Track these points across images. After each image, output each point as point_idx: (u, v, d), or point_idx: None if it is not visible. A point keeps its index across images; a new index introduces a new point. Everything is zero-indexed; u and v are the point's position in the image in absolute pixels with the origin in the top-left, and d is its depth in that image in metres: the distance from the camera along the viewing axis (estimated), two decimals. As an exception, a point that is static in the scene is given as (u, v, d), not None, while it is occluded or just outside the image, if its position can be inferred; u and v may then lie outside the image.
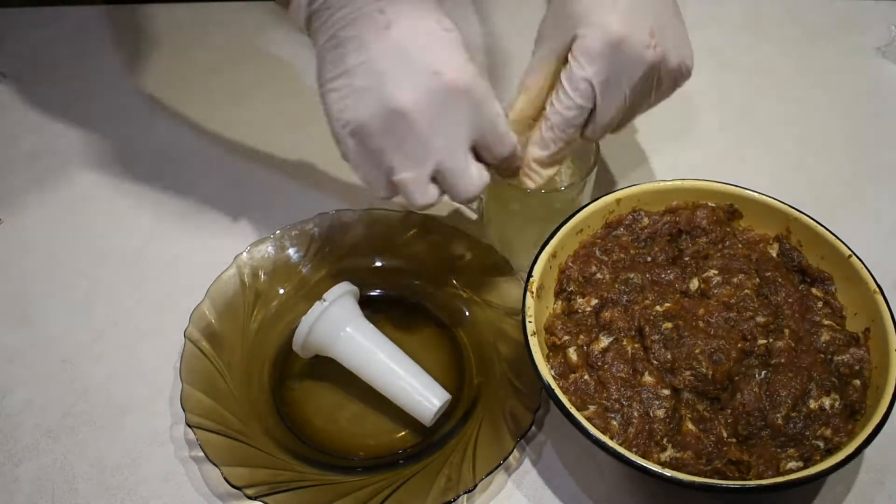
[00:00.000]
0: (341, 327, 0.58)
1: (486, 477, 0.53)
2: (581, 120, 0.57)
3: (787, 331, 0.56)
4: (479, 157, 0.55)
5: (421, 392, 0.57)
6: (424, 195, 0.53)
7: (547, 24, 0.59)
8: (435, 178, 0.53)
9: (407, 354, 0.59)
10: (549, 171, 0.60)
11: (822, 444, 0.51)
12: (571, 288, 0.60)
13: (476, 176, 0.54)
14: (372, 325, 0.60)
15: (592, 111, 0.57)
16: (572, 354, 0.56)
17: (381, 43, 0.50)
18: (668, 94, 0.61)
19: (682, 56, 0.59)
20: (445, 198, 0.69)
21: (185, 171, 0.76)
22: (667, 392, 0.54)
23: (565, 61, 0.57)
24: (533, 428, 0.58)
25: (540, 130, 0.58)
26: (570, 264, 0.61)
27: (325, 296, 0.59)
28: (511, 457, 0.55)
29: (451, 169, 0.53)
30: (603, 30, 0.54)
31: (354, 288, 0.61)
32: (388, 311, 0.65)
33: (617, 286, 0.59)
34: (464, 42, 0.53)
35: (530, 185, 0.60)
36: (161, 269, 0.69)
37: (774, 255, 0.61)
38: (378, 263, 0.67)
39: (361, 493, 0.53)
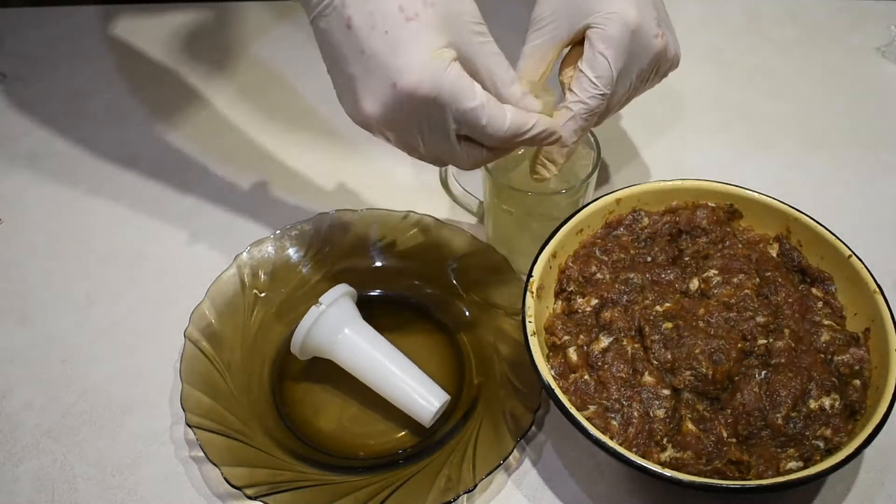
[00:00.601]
0: (339, 330, 0.58)
1: (486, 477, 0.53)
2: (602, 108, 0.57)
3: (787, 331, 0.56)
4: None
5: (420, 393, 0.57)
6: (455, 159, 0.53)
7: (544, 11, 0.58)
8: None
9: (406, 355, 0.59)
10: (563, 161, 0.60)
11: (822, 444, 0.51)
12: (571, 288, 0.60)
13: (464, 156, 0.52)
14: (370, 327, 0.60)
15: None
16: (572, 354, 0.56)
17: (345, 45, 0.49)
18: (658, 81, 0.62)
19: (676, 46, 0.60)
20: (446, 198, 0.70)
21: (184, 171, 0.76)
22: (667, 392, 0.54)
23: (569, 49, 0.57)
24: (533, 428, 0.58)
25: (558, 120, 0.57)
26: (570, 264, 0.61)
27: (321, 299, 0.59)
28: (511, 457, 0.55)
29: (440, 159, 0.53)
30: (623, 18, 0.55)
31: (351, 289, 0.61)
32: (387, 311, 0.65)
33: (617, 286, 0.59)
34: (440, 14, 0.49)
35: (545, 175, 0.60)
36: (161, 269, 0.69)
37: (774, 255, 0.61)
38: (378, 263, 0.67)
39: (361, 493, 0.53)
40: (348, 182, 0.75)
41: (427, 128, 0.50)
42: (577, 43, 0.58)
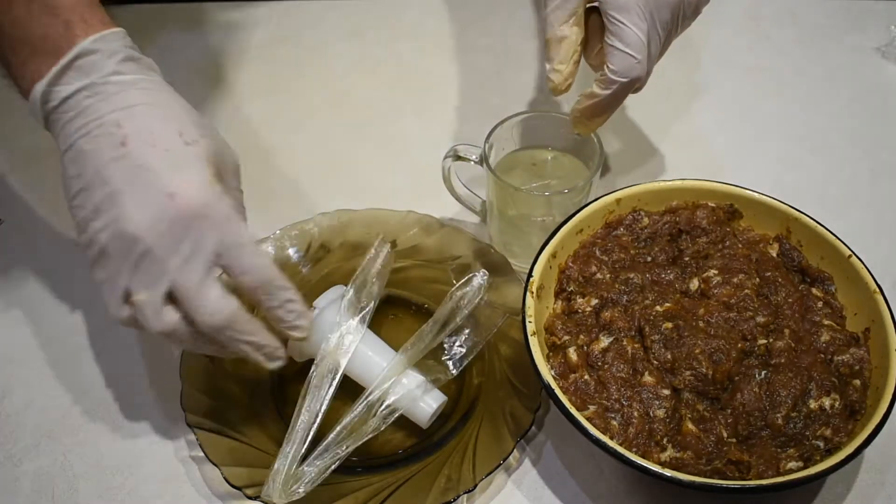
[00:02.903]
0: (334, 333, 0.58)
1: (486, 477, 0.53)
2: (639, 71, 0.59)
3: (787, 331, 0.56)
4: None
5: (417, 395, 0.57)
6: (159, 319, 0.49)
7: None
8: (175, 301, 0.49)
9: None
10: (601, 121, 0.63)
11: (822, 444, 0.51)
12: (571, 288, 0.60)
13: (214, 298, 0.49)
14: (366, 328, 0.59)
15: None
16: (572, 354, 0.56)
17: (117, 162, 0.48)
18: (690, 22, 0.64)
19: None
20: (446, 199, 0.70)
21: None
22: (667, 392, 0.54)
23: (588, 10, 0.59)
24: (533, 428, 0.58)
25: (596, 89, 0.60)
26: (570, 264, 0.61)
27: (315, 303, 0.58)
28: (511, 457, 0.55)
29: (186, 288, 0.48)
30: None
31: (346, 290, 0.61)
32: (387, 311, 0.65)
33: (617, 286, 0.59)
34: (212, 151, 0.50)
35: (584, 133, 0.63)
36: (161, 269, 0.69)
37: (774, 255, 0.61)
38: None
39: (361, 493, 0.53)
40: (348, 182, 0.75)
41: (188, 249, 0.48)
42: (593, 8, 0.60)
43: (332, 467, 0.53)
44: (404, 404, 0.56)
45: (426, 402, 0.56)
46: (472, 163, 0.65)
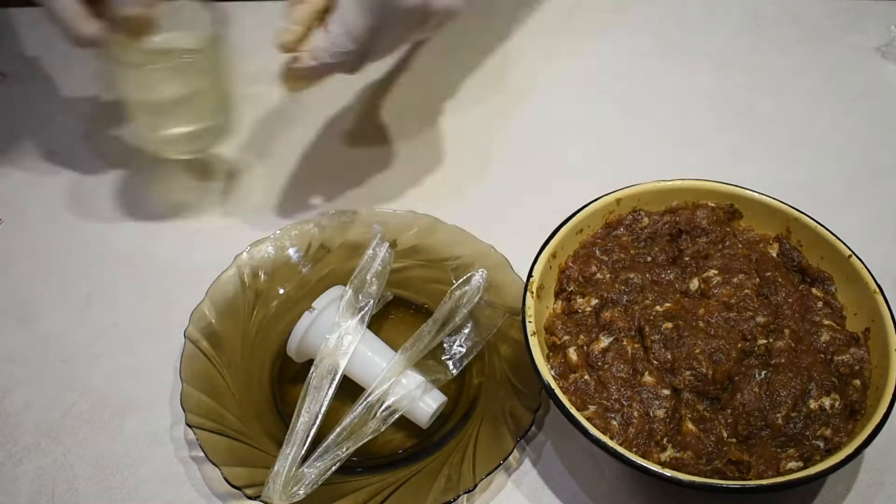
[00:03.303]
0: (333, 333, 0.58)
1: (486, 477, 0.53)
2: (344, 58, 0.58)
3: (787, 331, 0.56)
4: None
5: (417, 395, 0.57)
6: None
7: None
8: None
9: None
10: (305, 85, 0.62)
11: (822, 444, 0.52)
12: (571, 288, 0.60)
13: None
14: (365, 329, 0.59)
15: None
16: (572, 354, 0.56)
17: None
18: (433, 32, 0.62)
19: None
20: (446, 198, 0.70)
21: (184, 171, 0.76)
22: (667, 392, 0.54)
23: None
24: (533, 428, 0.58)
25: (305, 57, 0.60)
26: (570, 264, 0.61)
27: (314, 304, 0.58)
28: (511, 457, 0.55)
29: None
30: None
31: (345, 290, 0.61)
32: (387, 311, 0.65)
33: (617, 286, 0.59)
34: None
35: (291, 90, 0.62)
36: (161, 269, 0.69)
37: (774, 255, 0.61)
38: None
39: (361, 493, 0.53)
40: (349, 182, 0.75)
41: None
42: None
43: (332, 469, 0.53)
44: (404, 405, 0.56)
45: (426, 403, 0.57)
46: None
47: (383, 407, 0.55)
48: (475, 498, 0.56)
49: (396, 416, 0.56)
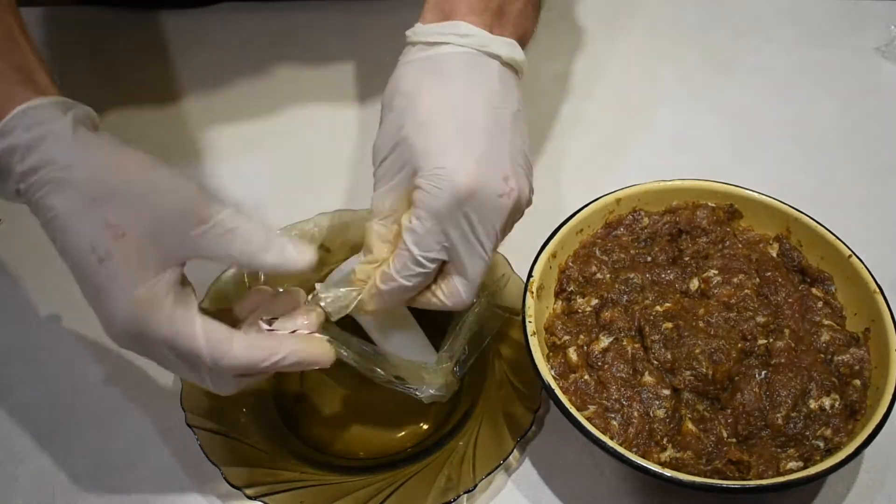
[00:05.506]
0: None
1: (486, 477, 0.53)
2: (422, 281, 0.50)
3: (787, 331, 0.56)
4: None
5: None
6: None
7: (383, 143, 0.51)
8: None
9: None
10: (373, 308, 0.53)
11: (822, 444, 0.52)
12: (571, 288, 0.60)
13: (213, 386, 0.49)
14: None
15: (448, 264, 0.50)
16: (572, 354, 0.56)
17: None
18: (509, 231, 0.52)
19: (528, 190, 0.51)
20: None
21: (184, 171, 0.76)
22: (667, 392, 0.54)
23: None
24: (533, 428, 0.58)
25: (377, 279, 0.51)
26: (570, 264, 0.61)
27: (329, 277, 0.58)
28: (511, 457, 0.55)
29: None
30: (450, 183, 0.47)
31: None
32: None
33: (617, 286, 0.59)
34: (142, 240, 0.45)
35: (370, 307, 0.52)
36: (161, 269, 0.69)
37: (774, 255, 0.61)
38: (378, 263, 0.67)
39: (361, 493, 0.53)
40: (348, 182, 0.75)
41: (164, 362, 0.47)
42: None
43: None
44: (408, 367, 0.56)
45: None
46: None
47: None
48: (475, 498, 0.56)
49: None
